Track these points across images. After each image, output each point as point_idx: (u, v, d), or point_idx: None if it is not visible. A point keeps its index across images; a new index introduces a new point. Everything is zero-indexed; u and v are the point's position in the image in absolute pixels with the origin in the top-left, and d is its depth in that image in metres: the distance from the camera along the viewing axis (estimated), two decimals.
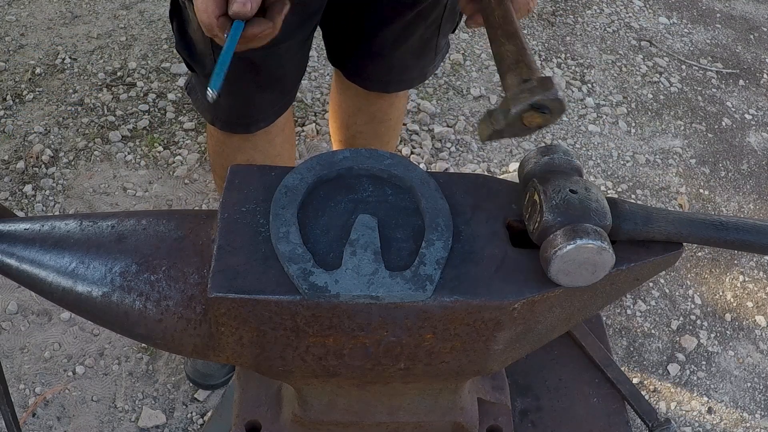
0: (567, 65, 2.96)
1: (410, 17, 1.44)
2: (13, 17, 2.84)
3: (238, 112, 1.48)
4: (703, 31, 3.24)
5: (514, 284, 0.75)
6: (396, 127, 1.88)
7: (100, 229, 0.84)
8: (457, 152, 2.57)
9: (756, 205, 2.56)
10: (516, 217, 0.82)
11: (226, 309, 0.73)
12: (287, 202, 0.77)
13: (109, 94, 2.59)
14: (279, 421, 0.97)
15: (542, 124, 0.87)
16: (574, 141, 2.68)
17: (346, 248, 0.74)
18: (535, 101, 0.85)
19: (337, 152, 0.83)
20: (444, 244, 0.76)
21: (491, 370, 0.84)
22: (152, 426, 1.83)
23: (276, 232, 0.75)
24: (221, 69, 0.89)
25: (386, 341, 0.76)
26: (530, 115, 0.86)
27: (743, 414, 2.04)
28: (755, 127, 2.85)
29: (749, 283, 2.33)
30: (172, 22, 1.38)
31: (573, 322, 0.87)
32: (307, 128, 2.55)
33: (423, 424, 0.95)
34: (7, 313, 1.99)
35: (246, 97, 1.44)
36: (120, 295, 0.80)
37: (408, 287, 0.72)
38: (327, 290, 0.71)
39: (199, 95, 1.49)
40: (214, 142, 1.64)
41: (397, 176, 0.81)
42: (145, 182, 2.35)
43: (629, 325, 2.18)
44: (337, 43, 1.62)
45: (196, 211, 0.87)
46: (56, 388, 1.88)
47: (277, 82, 1.42)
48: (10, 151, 2.39)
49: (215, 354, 0.82)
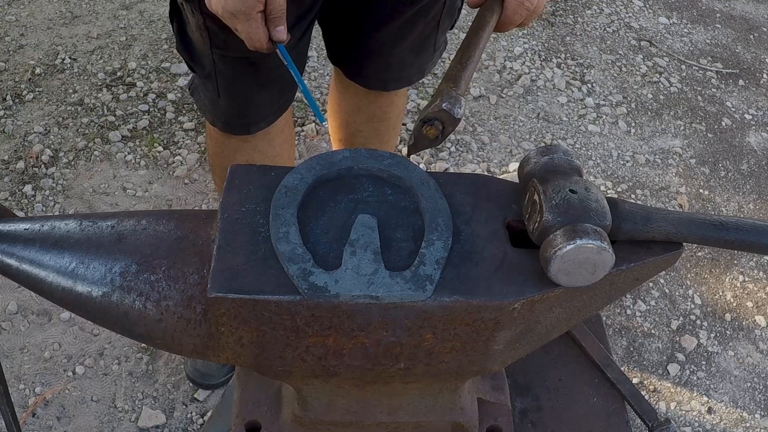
0: (567, 65, 2.96)
1: (409, 15, 1.44)
2: (13, 17, 2.84)
3: (238, 113, 1.48)
4: (702, 31, 3.24)
5: (514, 284, 0.75)
6: (395, 126, 1.88)
7: (99, 229, 0.84)
8: (457, 152, 2.57)
9: (756, 205, 2.56)
10: (516, 217, 0.82)
11: (226, 309, 0.73)
12: (287, 202, 0.77)
13: (109, 94, 2.59)
14: (279, 421, 0.97)
15: (437, 134, 0.90)
16: (574, 141, 2.68)
17: (346, 248, 0.74)
18: (425, 115, 0.90)
19: (337, 152, 0.82)
20: (444, 244, 0.76)
21: (491, 370, 0.84)
22: (152, 426, 1.83)
23: (276, 232, 0.75)
24: (302, 86, 1.11)
25: (386, 341, 0.76)
26: (427, 127, 0.90)
27: (743, 414, 2.04)
28: (755, 127, 2.85)
29: (749, 283, 2.33)
30: (172, 22, 1.38)
31: (573, 322, 0.87)
32: (306, 128, 2.55)
33: (423, 424, 0.95)
34: (7, 313, 1.99)
35: (245, 97, 1.44)
36: (120, 295, 0.80)
37: (408, 287, 0.72)
38: (327, 290, 0.71)
39: (201, 96, 1.50)
40: (213, 143, 1.64)
41: (397, 176, 0.81)
42: (145, 182, 2.35)
43: (629, 325, 2.18)
44: (337, 41, 1.62)
45: (196, 211, 0.87)
46: (56, 388, 1.88)
47: (276, 81, 1.42)
48: (10, 151, 2.39)
49: (215, 354, 0.82)
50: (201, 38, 1.32)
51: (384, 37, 1.50)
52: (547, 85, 2.87)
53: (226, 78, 1.39)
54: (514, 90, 2.83)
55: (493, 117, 2.72)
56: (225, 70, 1.37)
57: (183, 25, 1.36)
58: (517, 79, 2.87)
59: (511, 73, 2.90)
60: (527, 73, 2.90)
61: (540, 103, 2.80)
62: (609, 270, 0.76)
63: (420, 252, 0.75)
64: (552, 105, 2.80)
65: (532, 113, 2.75)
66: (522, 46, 3.01)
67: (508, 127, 2.69)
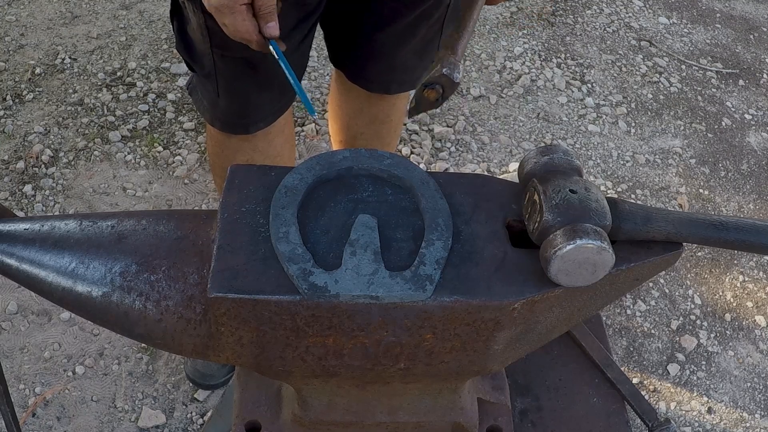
0: (567, 65, 2.96)
1: (411, 18, 1.44)
2: (13, 17, 2.84)
3: (237, 113, 1.48)
4: (702, 31, 3.24)
5: (514, 284, 0.75)
6: (397, 128, 1.88)
7: (100, 229, 0.84)
8: (457, 152, 2.57)
9: (756, 205, 2.56)
10: (516, 217, 0.82)
11: (226, 309, 0.73)
12: (287, 202, 0.77)
13: (109, 94, 2.59)
14: (279, 421, 0.97)
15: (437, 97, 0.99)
16: (574, 141, 2.68)
17: (346, 248, 0.74)
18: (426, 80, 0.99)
19: (337, 152, 0.82)
20: (444, 244, 0.76)
21: (491, 370, 0.84)
22: (152, 426, 1.83)
23: (276, 232, 0.75)
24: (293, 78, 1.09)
25: (386, 341, 0.76)
26: (428, 90, 0.99)
27: (743, 414, 2.04)
28: (755, 127, 2.85)
29: (749, 283, 2.33)
30: (173, 22, 1.38)
31: (573, 322, 0.87)
32: (306, 128, 2.55)
33: (423, 424, 0.95)
34: (7, 313, 1.99)
35: (245, 97, 1.44)
36: (120, 295, 0.80)
37: (408, 287, 0.72)
38: (327, 290, 0.71)
39: (199, 95, 1.49)
40: (213, 143, 1.64)
41: (397, 176, 0.81)
42: (145, 182, 2.35)
43: (629, 325, 2.18)
44: (339, 44, 1.61)
45: (196, 211, 0.87)
46: (56, 388, 1.88)
47: (275, 82, 1.42)
48: (10, 151, 2.39)
49: (215, 354, 0.82)
50: (201, 37, 1.32)
51: (385, 39, 1.50)
52: (547, 85, 2.87)
53: (225, 78, 1.39)
54: (514, 90, 2.83)
55: (493, 117, 2.72)
56: (224, 70, 1.37)
57: (183, 25, 1.36)
58: (517, 79, 2.87)
59: (511, 73, 2.90)
60: (527, 73, 2.90)
61: (540, 103, 2.80)
62: (609, 270, 0.76)
63: (420, 252, 0.75)
64: (552, 105, 2.80)
65: (532, 113, 2.75)
66: (522, 46, 3.01)
67: (508, 127, 2.69)
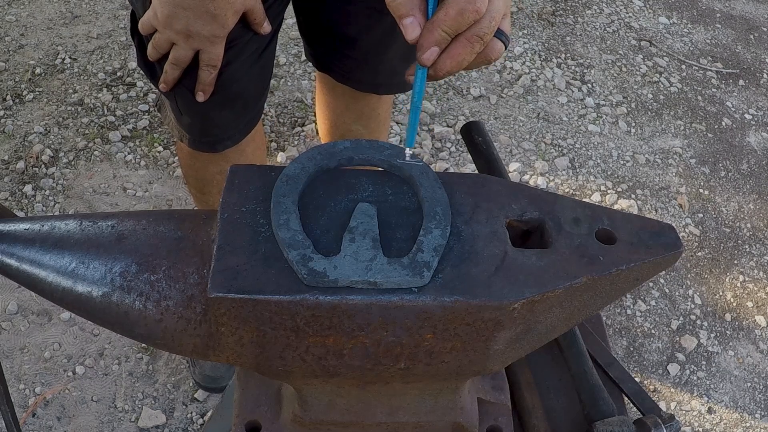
0: (567, 65, 2.96)
1: (390, 23, 1.43)
2: (13, 17, 2.84)
3: (200, 131, 1.44)
4: (703, 31, 3.24)
5: (514, 284, 0.75)
6: (386, 122, 1.87)
7: (100, 229, 0.84)
8: (457, 152, 2.57)
9: (756, 205, 2.57)
10: (516, 217, 0.82)
11: (226, 309, 0.73)
12: (288, 190, 0.78)
13: (109, 94, 2.59)
14: (279, 421, 0.97)
15: None
16: (574, 141, 2.68)
17: (345, 235, 0.75)
18: None
19: (338, 143, 0.83)
20: (442, 232, 0.76)
21: (491, 370, 0.84)
22: (152, 426, 1.83)
23: (277, 220, 0.75)
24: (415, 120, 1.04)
25: (386, 341, 0.76)
26: None
27: (743, 414, 2.04)
28: (755, 127, 2.85)
29: (749, 283, 2.33)
30: (134, 38, 1.35)
31: (573, 322, 0.87)
32: (306, 128, 2.55)
33: (423, 424, 0.95)
34: (7, 313, 1.99)
35: (204, 116, 1.39)
36: (120, 295, 0.80)
37: (405, 273, 0.72)
38: (326, 275, 0.72)
39: (167, 112, 1.47)
40: (183, 155, 1.60)
41: (397, 166, 0.82)
42: (145, 182, 2.35)
43: (629, 325, 2.18)
44: (321, 51, 1.60)
45: (196, 211, 0.87)
46: (56, 388, 1.88)
47: (235, 100, 1.38)
48: (10, 151, 2.39)
49: (215, 354, 0.82)
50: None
51: (367, 45, 1.49)
52: (547, 85, 2.87)
53: (182, 97, 1.36)
54: (514, 90, 2.83)
55: (493, 117, 2.72)
56: (180, 89, 1.33)
57: (143, 41, 1.33)
58: (517, 79, 2.87)
59: (511, 73, 2.90)
60: (527, 73, 2.90)
61: (540, 103, 2.80)
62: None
63: (418, 240, 0.75)
64: (552, 105, 2.80)
65: (532, 113, 2.76)
66: (522, 46, 3.01)
67: (508, 127, 2.69)
